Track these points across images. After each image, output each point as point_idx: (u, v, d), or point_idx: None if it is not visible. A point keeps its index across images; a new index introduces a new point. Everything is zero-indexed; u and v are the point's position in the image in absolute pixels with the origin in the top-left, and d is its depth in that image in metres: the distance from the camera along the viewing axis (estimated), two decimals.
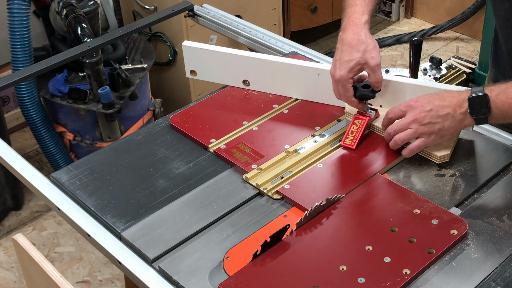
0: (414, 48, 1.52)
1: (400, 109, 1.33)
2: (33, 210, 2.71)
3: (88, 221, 1.28)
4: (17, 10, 2.33)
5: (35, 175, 1.40)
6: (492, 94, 1.24)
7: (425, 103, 1.30)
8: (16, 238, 1.27)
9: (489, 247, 1.17)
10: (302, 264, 1.14)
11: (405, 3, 3.84)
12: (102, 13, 2.51)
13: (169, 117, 1.52)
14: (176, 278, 1.14)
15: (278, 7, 3.05)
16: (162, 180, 1.35)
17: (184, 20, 2.65)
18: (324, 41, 3.66)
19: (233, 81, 1.62)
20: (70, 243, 2.54)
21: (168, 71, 2.93)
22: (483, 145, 1.41)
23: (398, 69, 1.62)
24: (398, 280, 1.10)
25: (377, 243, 1.17)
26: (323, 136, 1.44)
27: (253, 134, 1.46)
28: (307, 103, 1.56)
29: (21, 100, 2.46)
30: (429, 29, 3.66)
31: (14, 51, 2.38)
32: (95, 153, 1.45)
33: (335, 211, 1.25)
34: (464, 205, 1.27)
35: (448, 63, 1.64)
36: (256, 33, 1.89)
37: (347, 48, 1.36)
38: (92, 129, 2.52)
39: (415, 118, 1.30)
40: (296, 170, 1.35)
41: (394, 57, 3.55)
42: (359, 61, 1.35)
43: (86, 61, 2.27)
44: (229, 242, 1.21)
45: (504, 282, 1.11)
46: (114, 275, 2.40)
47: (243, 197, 1.30)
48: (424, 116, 1.29)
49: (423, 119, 1.29)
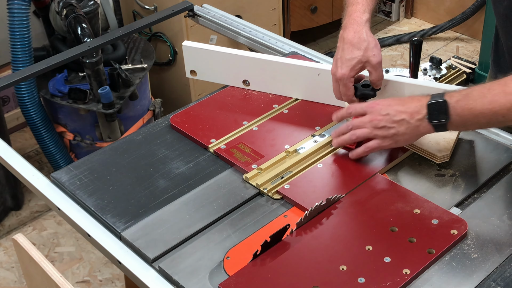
0: (414, 48, 1.51)
1: (362, 107, 1.32)
2: (33, 210, 2.71)
3: (88, 221, 1.28)
4: (17, 10, 2.33)
5: (35, 175, 1.40)
6: (452, 100, 1.20)
7: (385, 106, 1.28)
8: (16, 238, 1.27)
9: (489, 247, 1.17)
10: (302, 264, 1.14)
11: (405, 3, 3.84)
12: (102, 13, 2.51)
13: (169, 117, 1.53)
14: (176, 278, 1.14)
15: (278, 7, 3.05)
16: (162, 180, 1.35)
17: (184, 20, 2.65)
18: (324, 41, 3.66)
19: (233, 81, 1.62)
20: (70, 243, 2.54)
21: (168, 71, 2.93)
22: (483, 145, 1.41)
23: (398, 69, 1.62)
24: (398, 280, 1.10)
25: (377, 243, 1.17)
26: (323, 136, 1.44)
27: (253, 134, 1.46)
28: (307, 103, 1.56)
29: (21, 100, 2.46)
30: (429, 29, 3.66)
31: (14, 51, 2.38)
32: (95, 153, 1.45)
33: (335, 211, 1.25)
34: (464, 205, 1.27)
35: (448, 63, 1.64)
36: (256, 33, 1.89)
37: (348, 47, 1.36)
38: (92, 129, 2.52)
39: (371, 120, 1.29)
40: (296, 170, 1.35)
41: (394, 57, 3.55)
42: (360, 59, 1.35)
43: (86, 61, 2.27)
44: (229, 242, 1.21)
45: (504, 282, 1.11)
46: (114, 275, 2.40)
47: (243, 197, 1.30)
48: (380, 120, 1.28)
49: (378, 123, 1.28)
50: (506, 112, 1.17)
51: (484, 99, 1.18)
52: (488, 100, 1.18)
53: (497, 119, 1.19)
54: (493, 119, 1.19)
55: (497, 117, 1.18)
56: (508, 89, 1.17)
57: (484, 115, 1.18)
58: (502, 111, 1.17)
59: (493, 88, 1.19)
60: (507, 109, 1.16)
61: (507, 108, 1.16)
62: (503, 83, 1.18)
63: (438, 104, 1.21)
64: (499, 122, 1.20)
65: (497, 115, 1.17)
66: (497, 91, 1.17)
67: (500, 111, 1.17)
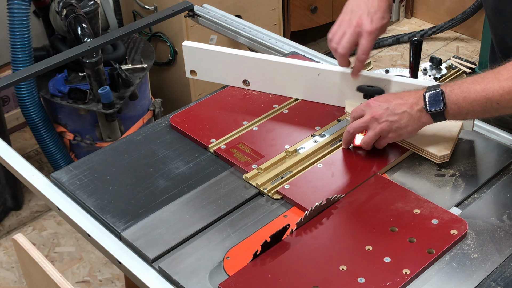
0: (414, 48, 1.51)
1: (360, 108, 1.34)
2: (33, 210, 2.71)
3: (88, 221, 1.28)
4: (17, 10, 2.34)
5: (35, 175, 1.40)
6: (447, 89, 1.24)
7: (383, 101, 1.31)
8: (16, 238, 1.27)
9: (489, 247, 1.17)
10: (302, 264, 1.14)
11: (405, 3, 3.84)
12: (102, 13, 2.51)
13: (169, 117, 1.53)
14: (176, 278, 1.14)
15: (278, 7, 3.05)
16: (162, 180, 1.35)
17: (184, 20, 2.65)
18: (324, 41, 3.65)
19: (233, 81, 1.62)
20: (70, 243, 2.55)
21: (168, 71, 2.93)
22: (483, 145, 1.41)
23: (398, 69, 1.62)
24: (398, 280, 1.10)
25: (377, 243, 1.17)
26: (323, 136, 1.44)
27: (253, 134, 1.46)
28: (307, 103, 1.56)
29: (21, 100, 2.46)
30: (429, 29, 3.66)
31: (14, 51, 2.38)
32: (95, 153, 1.45)
33: (335, 211, 1.25)
34: (464, 205, 1.27)
35: (448, 63, 1.64)
36: (256, 33, 1.89)
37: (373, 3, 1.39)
38: (92, 129, 2.52)
39: (373, 116, 1.31)
40: (296, 170, 1.35)
41: (394, 57, 3.55)
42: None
43: (86, 61, 2.27)
44: (229, 242, 1.21)
45: (504, 282, 1.11)
46: (114, 275, 2.40)
47: (243, 197, 1.30)
48: (381, 114, 1.30)
49: (380, 117, 1.30)
50: (499, 98, 1.19)
51: (477, 86, 1.21)
52: (481, 87, 1.20)
53: (492, 106, 1.21)
54: (488, 106, 1.21)
55: (492, 104, 1.20)
56: (501, 76, 1.19)
57: (478, 103, 1.21)
58: (495, 98, 1.19)
59: (486, 76, 1.22)
60: (500, 95, 1.19)
61: (500, 94, 1.19)
62: (496, 71, 1.21)
63: (434, 94, 1.25)
64: (494, 110, 1.22)
65: (491, 101, 1.20)
66: (490, 79, 1.20)
67: (493, 97, 1.19)
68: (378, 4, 1.38)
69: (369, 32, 1.37)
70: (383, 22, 1.38)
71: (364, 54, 1.38)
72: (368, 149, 1.37)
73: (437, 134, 1.37)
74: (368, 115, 1.31)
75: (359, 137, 1.39)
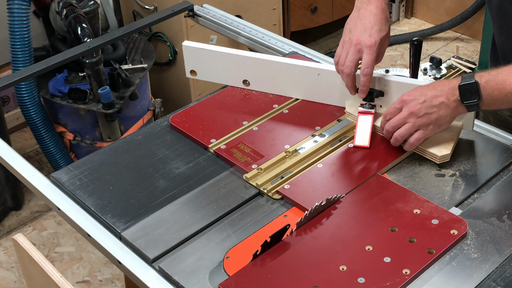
0: (414, 48, 1.52)
1: (395, 106, 1.34)
2: (33, 210, 2.71)
3: (88, 221, 1.28)
4: (17, 10, 2.34)
5: (35, 175, 1.40)
6: (482, 81, 1.24)
7: (418, 95, 1.30)
8: (16, 238, 1.27)
9: (489, 247, 1.17)
10: (302, 264, 1.14)
11: (405, 3, 3.84)
12: (102, 13, 2.51)
13: (169, 117, 1.52)
14: (176, 278, 1.14)
15: (278, 7, 3.05)
16: (162, 180, 1.35)
17: (184, 20, 2.65)
18: (324, 41, 3.66)
19: (233, 81, 1.62)
20: (70, 243, 2.55)
21: (168, 71, 2.93)
22: (483, 145, 1.41)
23: (398, 69, 1.62)
24: (398, 280, 1.10)
25: (377, 243, 1.17)
26: (323, 136, 1.44)
27: (253, 134, 1.46)
28: (307, 103, 1.56)
29: (21, 100, 2.46)
30: (429, 29, 3.66)
31: (14, 51, 2.38)
32: (95, 153, 1.45)
33: (335, 211, 1.25)
34: (464, 205, 1.27)
35: (448, 63, 1.64)
36: (256, 33, 1.89)
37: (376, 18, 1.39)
38: (92, 129, 2.52)
39: (411, 111, 1.30)
40: (296, 170, 1.35)
41: (394, 57, 3.55)
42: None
43: (86, 61, 2.27)
44: (229, 242, 1.21)
45: (504, 282, 1.11)
46: (114, 275, 2.40)
47: (243, 197, 1.30)
48: (420, 108, 1.30)
49: (418, 111, 1.30)
50: None
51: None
52: None
53: None
54: None
55: None
56: None
57: None
58: None
59: None
60: None
61: None
62: None
63: (469, 85, 1.25)
64: None
65: None
66: None
67: None
68: (374, 18, 1.39)
69: (369, 46, 1.37)
70: (382, 35, 1.38)
71: (368, 68, 1.37)
72: (396, 145, 1.36)
73: (437, 134, 1.37)
74: (406, 111, 1.31)
75: (359, 137, 1.39)
